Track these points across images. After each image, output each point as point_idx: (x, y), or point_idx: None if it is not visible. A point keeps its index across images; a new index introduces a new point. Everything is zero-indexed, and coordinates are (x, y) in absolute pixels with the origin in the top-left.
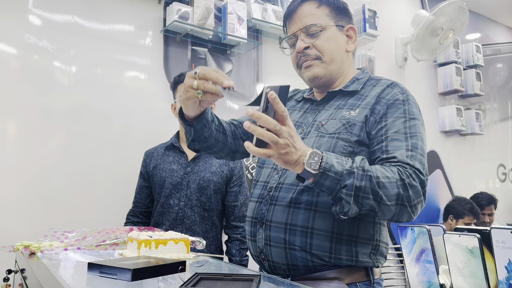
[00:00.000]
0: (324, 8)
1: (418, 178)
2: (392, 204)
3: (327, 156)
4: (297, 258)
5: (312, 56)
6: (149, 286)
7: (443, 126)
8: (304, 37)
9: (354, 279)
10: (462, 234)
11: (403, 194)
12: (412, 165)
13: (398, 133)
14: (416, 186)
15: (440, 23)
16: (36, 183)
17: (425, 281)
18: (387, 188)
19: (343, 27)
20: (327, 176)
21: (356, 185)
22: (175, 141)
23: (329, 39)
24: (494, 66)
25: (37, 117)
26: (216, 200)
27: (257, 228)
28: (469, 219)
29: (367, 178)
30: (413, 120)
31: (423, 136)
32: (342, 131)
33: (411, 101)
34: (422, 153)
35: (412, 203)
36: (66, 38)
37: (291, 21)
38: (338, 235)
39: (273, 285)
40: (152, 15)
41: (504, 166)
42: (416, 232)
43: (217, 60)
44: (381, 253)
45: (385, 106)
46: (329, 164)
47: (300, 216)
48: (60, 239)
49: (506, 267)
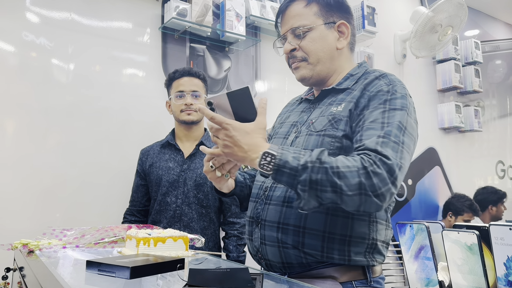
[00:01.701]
0: (313, 6)
1: (384, 164)
2: (354, 194)
3: (281, 153)
4: (290, 255)
5: (299, 58)
6: (147, 284)
7: (442, 123)
8: (292, 38)
9: (350, 277)
10: (461, 231)
11: (366, 182)
12: (379, 152)
13: (374, 122)
14: (381, 174)
15: (439, 20)
16: (34, 181)
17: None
18: (347, 177)
19: (335, 23)
20: (283, 172)
21: (311, 179)
22: (170, 138)
23: (315, 40)
24: (493, 63)
25: (35, 115)
26: (214, 196)
27: (253, 228)
28: (468, 216)
29: (323, 171)
30: (393, 111)
31: (405, 125)
32: (328, 128)
33: (398, 92)
34: (397, 141)
35: (378, 192)
36: (64, 36)
37: (282, 21)
38: (331, 234)
39: (272, 282)
40: (150, 12)
41: (503, 163)
42: (415, 229)
43: (215, 58)
44: (379, 252)
45: (367, 99)
46: (283, 160)
47: (293, 215)
48: (58, 237)
49: (505, 264)
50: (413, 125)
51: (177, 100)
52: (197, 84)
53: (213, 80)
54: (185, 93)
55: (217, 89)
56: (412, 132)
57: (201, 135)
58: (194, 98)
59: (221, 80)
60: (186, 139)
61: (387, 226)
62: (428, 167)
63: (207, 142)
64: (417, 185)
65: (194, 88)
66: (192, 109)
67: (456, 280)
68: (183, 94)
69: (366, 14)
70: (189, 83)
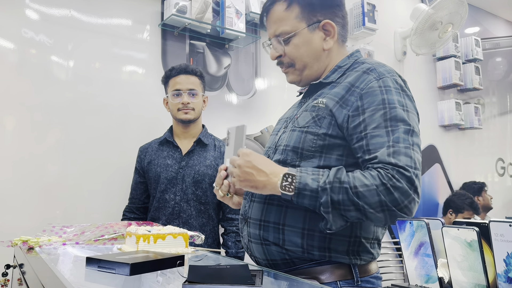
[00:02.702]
0: (294, 9)
1: (404, 177)
2: (377, 211)
3: (300, 176)
4: (273, 252)
5: (286, 64)
6: (147, 280)
7: (442, 120)
8: (276, 44)
9: (336, 277)
10: (461, 227)
11: (386, 199)
12: (395, 164)
13: (378, 128)
14: (402, 187)
15: (440, 17)
16: (34, 178)
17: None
18: (367, 197)
19: (319, 22)
20: (304, 195)
21: (333, 200)
22: (168, 135)
23: (299, 46)
24: (493, 60)
25: (34, 111)
26: (212, 193)
27: (243, 225)
28: (469, 214)
29: (343, 191)
30: (394, 110)
31: (410, 122)
32: (311, 125)
33: (392, 86)
34: (408, 145)
35: (401, 205)
36: (64, 33)
37: (266, 24)
38: (310, 231)
39: (272, 279)
40: (150, 9)
41: (503, 160)
42: (414, 226)
43: (215, 55)
44: (365, 250)
45: (358, 97)
46: (303, 183)
47: (273, 212)
48: (58, 234)
49: (505, 260)
50: (414, 117)
51: (174, 98)
52: (194, 82)
53: (212, 77)
54: (181, 92)
55: (216, 86)
56: (417, 127)
57: (199, 132)
58: (191, 96)
59: (221, 77)
60: (184, 136)
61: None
62: (428, 164)
63: (205, 138)
64: None
65: (190, 86)
66: (189, 107)
67: (456, 276)
68: (180, 93)
69: (367, 11)
70: (185, 81)
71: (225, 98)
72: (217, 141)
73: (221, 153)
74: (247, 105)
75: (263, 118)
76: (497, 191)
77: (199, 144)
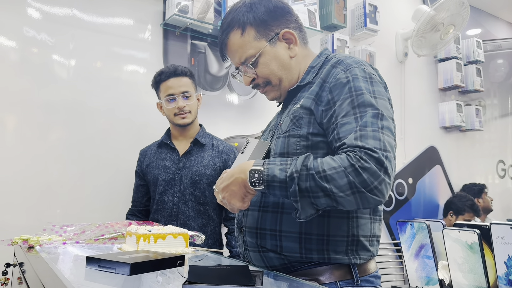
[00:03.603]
0: (249, 31)
1: (372, 158)
2: (347, 194)
3: (268, 168)
4: (272, 259)
5: (262, 85)
6: (147, 280)
7: (443, 122)
8: (246, 70)
9: (336, 277)
10: (462, 229)
11: (355, 180)
12: (362, 146)
13: (346, 116)
14: (370, 168)
15: (441, 18)
16: (35, 176)
17: (424, 277)
18: (335, 179)
19: (278, 34)
20: (274, 187)
21: (300, 188)
22: (165, 138)
23: (267, 63)
24: (495, 62)
25: (35, 110)
26: (211, 193)
27: (238, 234)
28: (469, 216)
29: (310, 178)
30: (361, 96)
31: (378, 106)
32: (292, 128)
33: (359, 74)
34: (376, 129)
35: (371, 187)
36: (65, 32)
37: (228, 55)
38: (307, 235)
39: (272, 280)
40: (152, 8)
41: (504, 162)
42: (415, 228)
43: (216, 55)
44: (364, 248)
45: (328, 91)
46: (271, 175)
47: (268, 219)
48: (58, 233)
49: (506, 263)
50: (384, 102)
51: (169, 104)
52: (185, 84)
53: (214, 77)
54: (175, 96)
55: (218, 86)
56: (387, 111)
57: (196, 132)
58: (185, 99)
59: (222, 77)
60: (182, 137)
61: (372, 219)
62: (429, 166)
63: (202, 138)
64: (418, 184)
65: (183, 89)
66: (186, 111)
67: (457, 279)
68: (174, 97)
69: (368, 12)
70: (177, 84)
71: (226, 98)
72: (215, 140)
73: (218, 152)
74: (248, 105)
75: (264, 119)
76: (498, 193)
77: (196, 144)
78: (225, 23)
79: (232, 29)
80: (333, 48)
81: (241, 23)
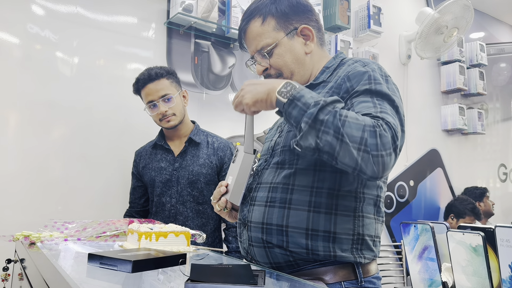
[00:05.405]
0: (270, 21)
1: (390, 129)
2: (354, 147)
3: (301, 88)
4: (277, 255)
5: (274, 76)
6: (149, 278)
7: (445, 125)
8: (260, 59)
9: (339, 277)
10: (466, 232)
11: (368, 139)
12: (383, 118)
13: (364, 96)
14: (386, 137)
15: (445, 21)
16: (37, 173)
17: (427, 279)
18: (352, 128)
19: (296, 29)
20: (295, 105)
21: (317, 117)
22: (159, 139)
23: (282, 55)
24: (498, 66)
25: (38, 107)
26: (209, 192)
27: (242, 229)
28: (470, 219)
29: (332, 113)
30: (379, 85)
31: (394, 98)
32: None
33: (377, 70)
34: (393, 115)
35: (378, 152)
36: (69, 29)
37: (245, 43)
38: (314, 231)
39: (274, 279)
40: (156, 7)
41: (505, 166)
42: (419, 229)
43: (220, 54)
44: (368, 247)
45: (346, 79)
46: (300, 94)
47: (275, 214)
48: (60, 229)
49: (510, 266)
50: (398, 100)
51: (152, 110)
52: (163, 87)
53: (217, 77)
54: (155, 102)
55: (221, 85)
56: (400, 108)
57: (190, 131)
58: (166, 102)
59: (225, 76)
60: (175, 137)
61: (376, 220)
62: (431, 168)
63: (196, 137)
64: (419, 186)
65: (161, 93)
66: (169, 114)
67: (460, 281)
68: (154, 103)
69: (372, 13)
70: (155, 89)
71: (230, 98)
72: (209, 137)
73: (214, 150)
74: None
75: (266, 118)
76: (499, 197)
77: (191, 143)
78: (248, 12)
79: (253, 17)
80: (336, 49)
81: (263, 13)
